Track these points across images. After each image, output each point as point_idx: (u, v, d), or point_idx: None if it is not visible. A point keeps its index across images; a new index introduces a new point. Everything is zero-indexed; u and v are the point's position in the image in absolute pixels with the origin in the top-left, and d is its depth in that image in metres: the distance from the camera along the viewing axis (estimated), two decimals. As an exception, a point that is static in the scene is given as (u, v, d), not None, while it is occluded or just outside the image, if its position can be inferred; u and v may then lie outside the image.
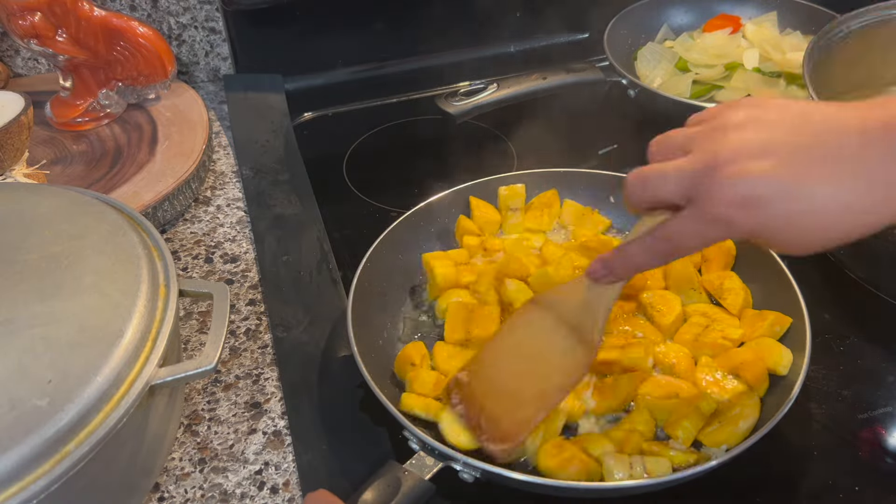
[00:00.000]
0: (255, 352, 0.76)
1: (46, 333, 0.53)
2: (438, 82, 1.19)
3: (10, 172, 0.91)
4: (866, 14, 0.92)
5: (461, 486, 0.59)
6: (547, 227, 0.85)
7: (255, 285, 0.83)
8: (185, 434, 0.68)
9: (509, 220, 0.84)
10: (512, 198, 0.84)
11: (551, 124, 1.09)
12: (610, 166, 0.92)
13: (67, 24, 0.95)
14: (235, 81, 1.16)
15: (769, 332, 0.69)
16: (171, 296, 0.59)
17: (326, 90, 1.20)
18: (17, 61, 1.13)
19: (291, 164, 1.00)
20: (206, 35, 1.17)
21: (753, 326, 0.70)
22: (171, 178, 0.91)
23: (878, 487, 0.64)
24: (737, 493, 0.64)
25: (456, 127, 1.01)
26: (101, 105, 1.03)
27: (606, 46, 1.10)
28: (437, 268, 0.76)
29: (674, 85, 1.08)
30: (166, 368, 0.55)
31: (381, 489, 0.56)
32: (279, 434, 0.68)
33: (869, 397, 0.71)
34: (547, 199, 0.85)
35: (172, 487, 0.64)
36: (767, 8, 1.19)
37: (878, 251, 0.79)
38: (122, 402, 0.51)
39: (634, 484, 0.58)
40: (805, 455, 0.67)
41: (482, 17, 1.23)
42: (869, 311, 0.80)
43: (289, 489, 0.64)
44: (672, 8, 1.22)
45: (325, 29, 1.17)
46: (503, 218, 0.85)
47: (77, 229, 0.62)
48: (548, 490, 0.58)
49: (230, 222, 0.93)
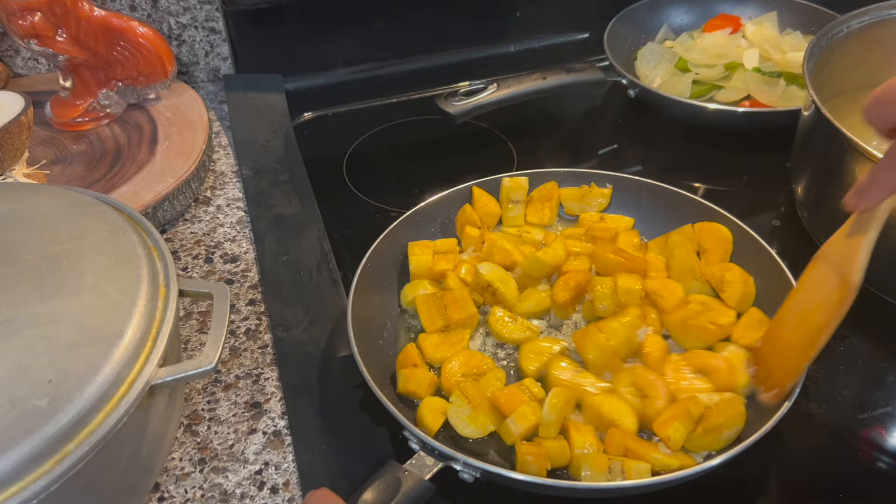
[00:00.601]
0: (255, 352, 0.76)
1: (46, 333, 0.52)
2: (438, 82, 1.19)
3: (10, 172, 0.91)
4: (866, 14, 0.92)
5: (461, 486, 0.59)
6: (549, 222, 0.85)
7: (255, 285, 0.83)
8: (185, 434, 0.68)
9: (510, 212, 0.84)
10: (514, 189, 0.84)
11: (551, 124, 1.09)
12: (610, 166, 0.92)
13: (67, 24, 0.95)
14: (235, 81, 1.16)
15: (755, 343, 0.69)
16: (171, 296, 0.59)
17: (326, 90, 1.20)
18: (17, 61, 1.13)
19: (291, 164, 1.00)
20: (206, 35, 1.17)
21: (750, 329, 0.70)
22: (171, 178, 0.91)
23: (878, 487, 0.64)
24: (737, 493, 0.64)
25: (456, 127, 1.01)
26: (101, 105, 1.03)
27: (606, 46, 1.11)
28: (413, 255, 0.78)
29: (674, 85, 1.08)
30: (166, 368, 0.55)
31: (381, 489, 0.56)
32: (279, 434, 0.68)
33: (869, 397, 0.71)
34: (547, 192, 0.85)
35: (172, 487, 0.64)
36: (767, 8, 1.19)
37: (878, 251, 0.79)
38: (122, 402, 0.51)
39: (634, 484, 0.58)
40: (805, 455, 0.67)
41: (482, 17, 1.23)
42: (869, 311, 0.80)
43: (289, 489, 0.64)
44: (672, 8, 1.22)
45: (325, 29, 1.17)
46: (503, 210, 0.85)
47: (77, 229, 0.62)
48: (547, 490, 0.58)
49: (230, 222, 0.93)
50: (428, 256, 0.78)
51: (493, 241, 0.78)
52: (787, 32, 1.16)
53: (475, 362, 0.69)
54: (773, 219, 0.92)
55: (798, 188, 0.91)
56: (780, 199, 0.94)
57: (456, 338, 0.72)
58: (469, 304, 0.73)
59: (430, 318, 0.73)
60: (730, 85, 1.09)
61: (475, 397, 0.65)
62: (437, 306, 0.73)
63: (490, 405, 0.65)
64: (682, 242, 0.78)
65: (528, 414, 0.63)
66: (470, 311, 0.73)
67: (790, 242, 0.88)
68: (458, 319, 0.72)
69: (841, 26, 0.91)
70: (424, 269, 0.78)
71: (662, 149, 1.04)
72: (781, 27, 1.17)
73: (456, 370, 0.68)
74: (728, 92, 1.08)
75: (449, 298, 0.73)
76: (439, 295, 0.74)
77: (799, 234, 0.88)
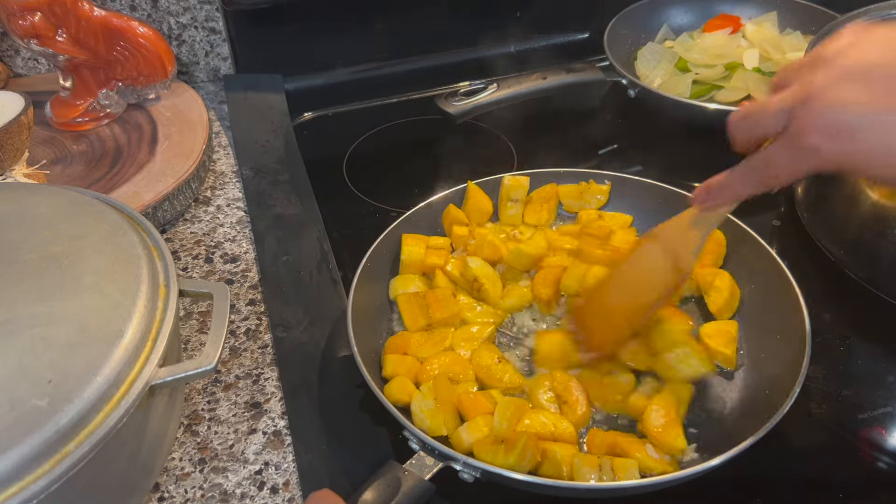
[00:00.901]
0: (255, 352, 0.76)
1: (46, 333, 0.52)
2: (438, 82, 1.19)
3: (10, 172, 0.91)
4: (866, 14, 0.92)
5: (461, 486, 0.59)
6: (546, 222, 0.85)
7: (255, 285, 0.83)
8: (185, 434, 0.68)
9: (508, 210, 0.85)
10: (515, 188, 0.84)
11: (551, 124, 1.09)
12: (610, 166, 0.92)
13: (67, 24, 0.95)
14: (235, 81, 1.16)
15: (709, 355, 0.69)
16: (171, 296, 0.59)
17: (326, 90, 1.20)
18: (17, 61, 1.13)
19: (291, 164, 1.00)
20: (206, 35, 1.17)
21: (718, 337, 0.71)
22: (171, 178, 0.91)
23: (878, 487, 0.64)
24: (737, 493, 0.64)
25: (456, 127, 1.01)
26: (101, 105, 1.03)
27: (606, 46, 1.11)
28: (406, 245, 0.78)
29: (674, 85, 1.08)
30: (166, 368, 0.55)
31: (381, 489, 0.56)
32: (279, 434, 0.68)
33: (869, 397, 0.71)
34: (546, 194, 0.85)
35: (172, 487, 0.64)
36: (767, 8, 1.19)
37: (879, 251, 0.79)
38: (122, 402, 0.51)
39: (634, 484, 0.58)
40: (805, 455, 0.67)
41: (482, 17, 1.23)
42: (869, 311, 0.80)
43: (289, 489, 0.64)
44: (672, 8, 1.22)
45: (325, 29, 1.17)
46: (501, 208, 0.85)
47: (77, 229, 0.62)
48: (547, 490, 0.58)
49: (230, 222, 0.93)
50: (421, 248, 0.78)
51: (483, 235, 0.79)
52: (787, 32, 1.16)
53: (456, 368, 0.69)
54: (773, 219, 0.92)
55: (798, 188, 0.91)
56: (780, 199, 0.94)
57: (439, 336, 0.72)
58: (452, 304, 0.73)
59: (412, 318, 0.74)
60: (730, 85, 1.08)
61: (443, 397, 0.65)
62: (419, 305, 0.74)
63: (454, 410, 0.65)
64: None
65: (482, 426, 0.63)
66: (452, 311, 0.73)
67: (790, 242, 0.88)
68: (440, 318, 0.73)
69: (841, 26, 0.91)
70: (416, 262, 0.78)
71: (662, 149, 1.04)
72: (781, 27, 1.17)
73: (434, 369, 0.69)
74: (728, 92, 1.08)
75: (432, 297, 0.74)
76: (422, 294, 0.74)
77: (799, 234, 0.88)
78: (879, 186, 0.75)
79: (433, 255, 0.78)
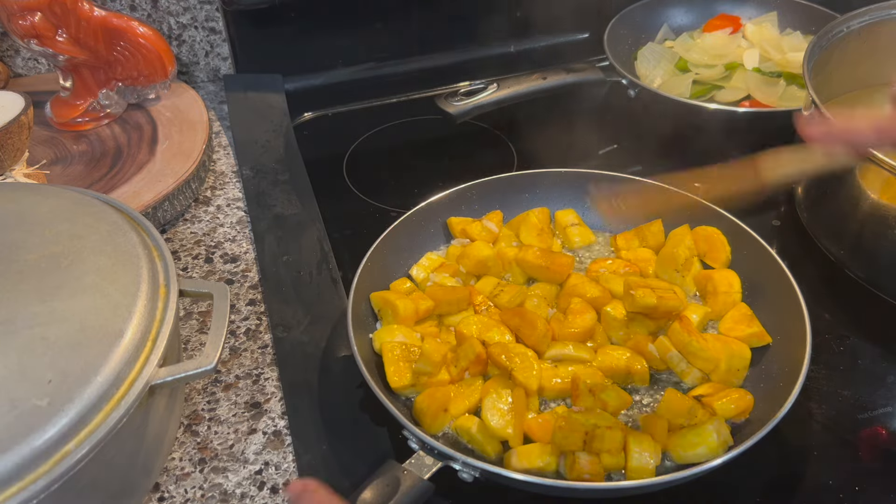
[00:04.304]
0: (255, 352, 0.76)
1: (46, 333, 0.52)
2: (438, 82, 1.19)
3: (10, 172, 0.91)
4: (866, 14, 0.92)
5: (460, 486, 0.60)
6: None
7: (255, 285, 0.83)
8: (185, 434, 0.68)
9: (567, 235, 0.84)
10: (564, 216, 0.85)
11: (551, 124, 1.09)
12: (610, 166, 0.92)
13: (67, 24, 0.95)
14: (235, 81, 1.16)
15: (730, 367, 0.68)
16: (171, 296, 0.59)
17: (326, 90, 1.20)
18: (17, 61, 1.13)
19: (291, 164, 1.00)
20: (206, 35, 1.17)
21: (740, 323, 0.71)
22: (171, 178, 0.91)
23: (878, 487, 0.64)
24: (737, 493, 0.64)
25: (456, 127, 1.01)
26: (101, 105, 1.03)
27: (606, 46, 1.11)
28: (393, 300, 0.72)
29: (674, 85, 1.08)
30: (166, 368, 0.55)
31: (381, 488, 0.56)
32: (279, 434, 0.68)
33: (869, 397, 0.71)
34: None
35: (172, 487, 0.64)
36: (767, 8, 1.19)
37: (879, 251, 0.79)
38: (122, 403, 0.51)
39: (634, 484, 0.58)
40: (805, 455, 0.67)
41: (482, 17, 1.23)
42: (869, 311, 0.80)
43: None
44: (672, 8, 1.22)
45: (325, 29, 1.17)
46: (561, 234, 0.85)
47: (77, 229, 0.62)
48: (547, 490, 0.58)
49: (230, 222, 0.93)
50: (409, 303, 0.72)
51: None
52: (787, 32, 1.16)
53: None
54: (773, 219, 0.92)
55: (798, 188, 0.91)
56: (780, 199, 0.94)
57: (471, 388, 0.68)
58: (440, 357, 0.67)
59: (398, 374, 0.67)
60: (730, 85, 1.09)
61: (430, 351, 0.66)
62: (402, 358, 0.68)
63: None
64: (678, 236, 0.79)
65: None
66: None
67: (790, 242, 0.88)
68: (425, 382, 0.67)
69: (841, 26, 0.91)
70: (409, 315, 0.72)
71: (662, 149, 1.04)
72: (781, 27, 1.18)
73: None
74: (728, 92, 1.08)
75: (424, 348, 0.67)
76: (409, 346, 0.68)
77: (799, 234, 0.88)
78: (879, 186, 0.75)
79: (421, 301, 0.73)
